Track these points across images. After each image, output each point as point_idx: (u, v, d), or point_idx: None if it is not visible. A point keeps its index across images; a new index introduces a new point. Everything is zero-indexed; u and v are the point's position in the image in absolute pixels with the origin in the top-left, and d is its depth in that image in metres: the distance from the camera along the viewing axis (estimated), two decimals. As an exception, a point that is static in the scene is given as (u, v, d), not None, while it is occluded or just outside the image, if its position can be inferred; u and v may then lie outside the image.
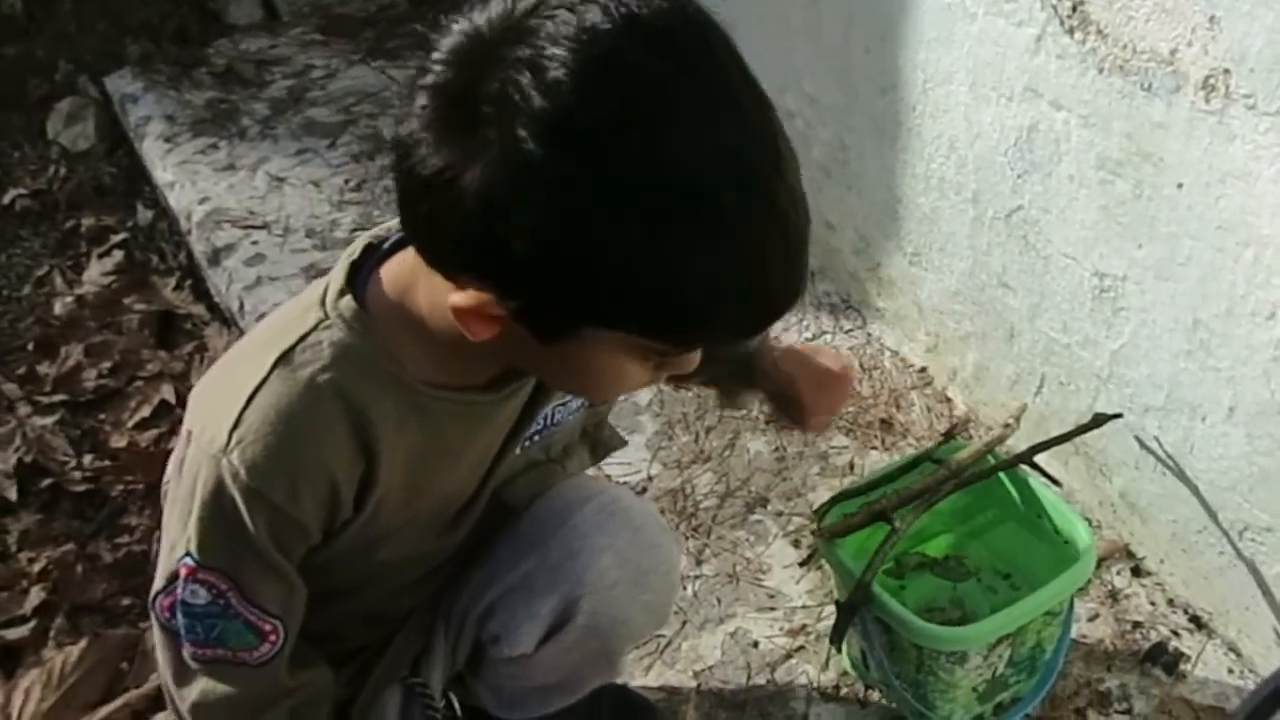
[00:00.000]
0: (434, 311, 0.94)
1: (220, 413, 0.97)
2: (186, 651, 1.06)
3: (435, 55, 0.82)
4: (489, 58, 0.79)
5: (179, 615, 1.04)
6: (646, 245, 0.78)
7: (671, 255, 0.79)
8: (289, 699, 1.11)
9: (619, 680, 1.48)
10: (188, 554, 1.00)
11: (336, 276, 1.01)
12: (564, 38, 0.77)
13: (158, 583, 1.05)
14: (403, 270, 0.96)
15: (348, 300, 0.99)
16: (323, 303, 0.99)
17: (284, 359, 0.97)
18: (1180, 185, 1.40)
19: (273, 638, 1.06)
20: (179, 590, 1.02)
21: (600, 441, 1.32)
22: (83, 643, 1.84)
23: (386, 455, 1.01)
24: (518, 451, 1.16)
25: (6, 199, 2.77)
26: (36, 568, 1.97)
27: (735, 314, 0.85)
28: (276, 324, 1.02)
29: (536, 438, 1.18)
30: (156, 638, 1.09)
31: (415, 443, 1.03)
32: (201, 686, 1.07)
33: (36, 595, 1.93)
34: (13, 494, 2.10)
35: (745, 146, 0.80)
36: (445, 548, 1.21)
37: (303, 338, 0.98)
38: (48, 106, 2.96)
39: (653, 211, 0.78)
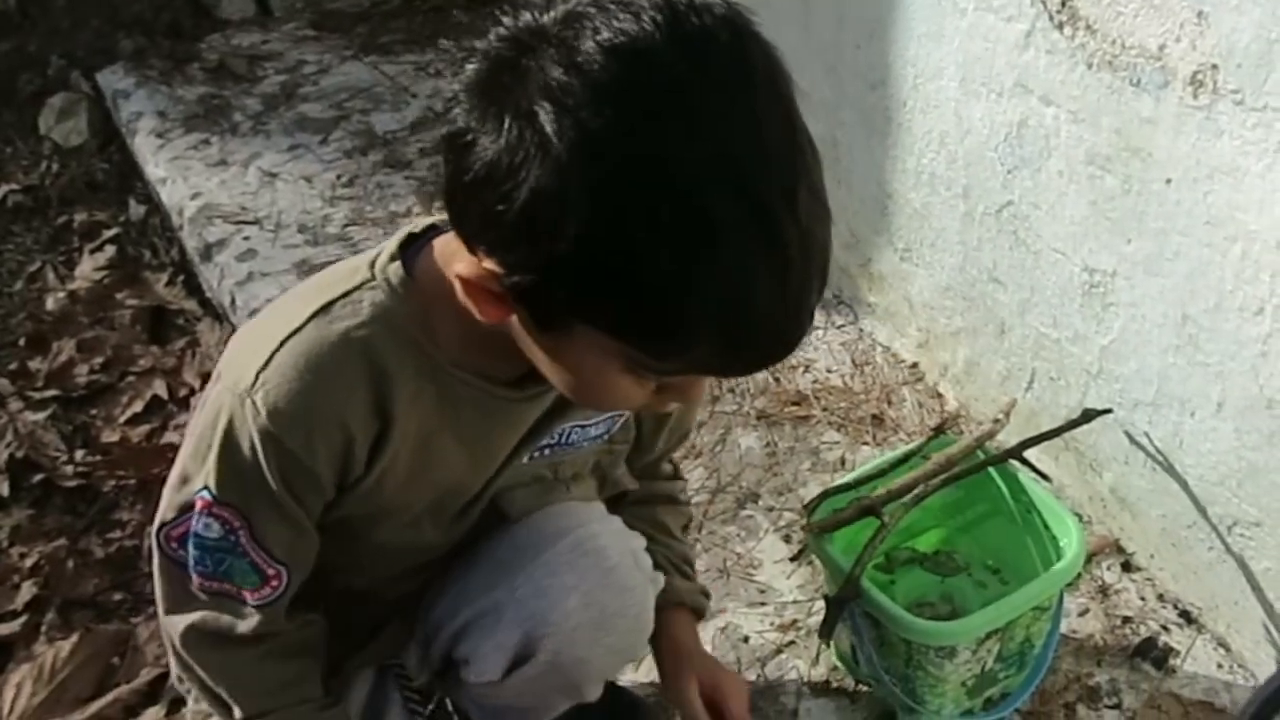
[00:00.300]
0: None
1: (251, 353, 0.99)
2: (194, 583, 1.08)
3: (496, 30, 0.85)
4: (535, 37, 0.82)
5: (189, 546, 1.06)
6: (630, 238, 0.78)
7: (653, 254, 0.78)
8: (283, 638, 1.13)
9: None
10: (205, 487, 1.03)
11: (391, 243, 1.03)
12: (606, 28, 0.79)
13: (166, 513, 1.07)
14: (450, 247, 0.98)
15: (396, 266, 1.01)
16: (372, 265, 1.02)
17: (323, 310, 1.00)
18: (1169, 180, 1.40)
19: (275, 582, 1.08)
20: (193, 521, 1.04)
21: (611, 479, 1.31)
22: (74, 638, 1.84)
23: (400, 420, 1.02)
24: (525, 460, 1.16)
25: (-2, 195, 2.78)
26: (28, 563, 1.98)
27: (714, 340, 0.83)
28: (325, 279, 1.05)
29: (547, 451, 1.18)
30: (157, 568, 1.11)
31: (427, 416, 1.04)
32: (200, 614, 1.10)
33: (28, 590, 1.93)
34: (4, 489, 2.10)
35: (756, 168, 0.79)
36: (442, 543, 1.21)
37: (346, 294, 1.00)
38: (40, 102, 2.96)
39: (640, 207, 0.77)
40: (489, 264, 0.86)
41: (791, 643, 1.62)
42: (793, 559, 1.73)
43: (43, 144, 2.90)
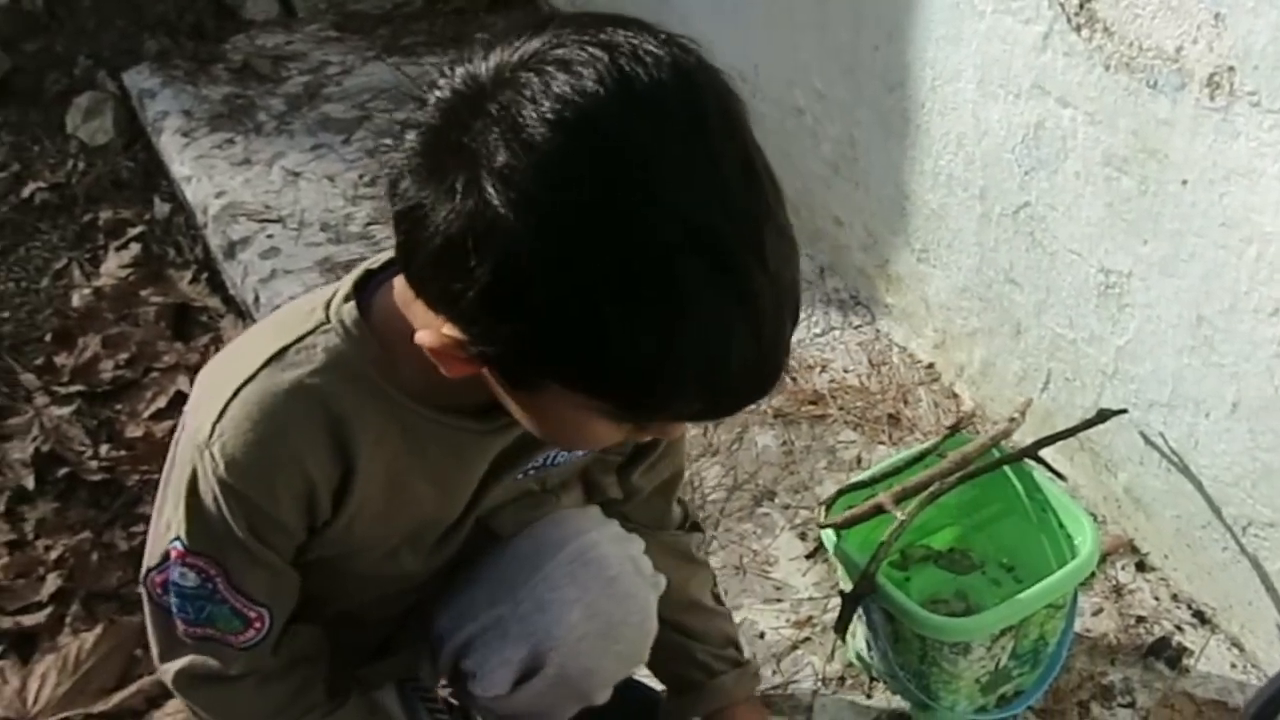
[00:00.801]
0: None
1: (209, 403, 0.98)
2: (179, 628, 1.07)
3: (433, 94, 0.82)
4: (475, 106, 0.78)
5: (171, 594, 1.05)
6: (599, 316, 0.76)
7: (625, 330, 0.76)
8: (274, 669, 1.13)
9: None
10: (178, 538, 1.02)
11: (346, 282, 1.01)
12: (546, 96, 0.75)
13: (150, 559, 1.07)
14: (404, 287, 0.94)
15: (350, 307, 0.99)
16: (327, 305, 1.00)
17: (276, 357, 0.98)
18: (1185, 182, 1.41)
19: (258, 624, 1.07)
20: (170, 571, 1.04)
21: (596, 485, 1.29)
22: (98, 629, 1.86)
23: (364, 464, 1.01)
24: (509, 482, 1.16)
25: (26, 192, 2.79)
26: (53, 555, 2.00)
27: (694, 398, 0.81)
28: (281, 321, 1.03)
29: (532, 471, 1.17)
30: (147, 612, 1.11)
31: (395, 457, 1.03)
32: (189, 660, 1.09)
33: (53, 582, 1.95)
34: (30, 483, 2.12)
35: (721, 227, 0.76)
36: (423, 571, 1.20)
37: (300, 338, 0.98)
38: (67, 101, 2.97)
39: (608, 283, 0.75)
40: (453, 331, 0.84)
41: (807, 639, 1.63)
42: (808, 556, 1.74)
43: (69, 143, 2.92)
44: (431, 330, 0.85)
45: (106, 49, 3.13)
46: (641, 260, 0.75)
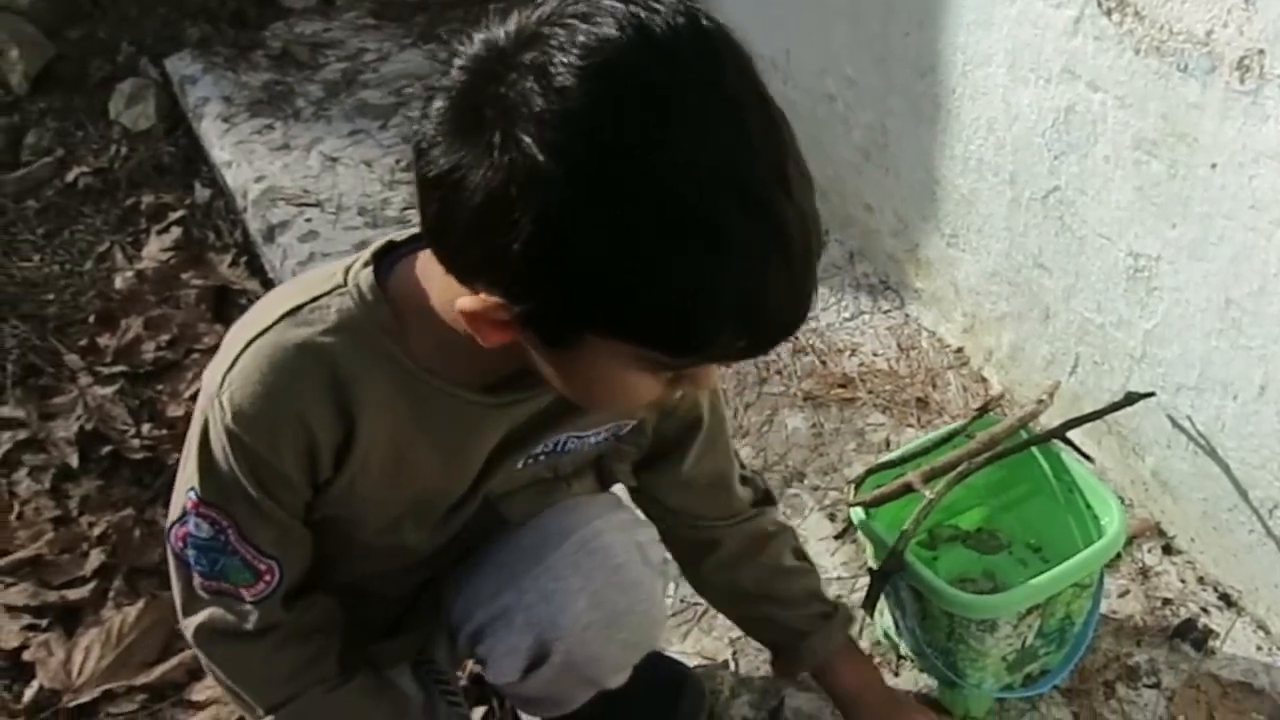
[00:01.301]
0: (444, 305, 0.96)
1: (224, 354, 1.01)
2: (196, 581, 1.10)
3: (456, 62, 0.84)
4: (501, 63, 0.80)
5: (189, 546, 1.08)
6: (641, 257, 0.79)
7: (666, 269, 0.79)
8: (287, 628, 1.14)
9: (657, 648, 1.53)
10: (192, 488, 1.05)
11: (367, 251, 1.03)
12: (573, 45, 0.78)
13: (173, 512, 1.10)
14: (432, 267, 0.95)
15: (367, 273, 1.01)
16: (347, 270, 1.02)
17: (291, 314, 1.00)
18: (1214, 165, 1.42)
19: (268, 577, 1.09)
20: (188, 522, 1.07)
21: (609, 472, 1.30)
22: (140, 603, 1.90)
23: (367, 425, 1.03)
24: (520, 466, 1.16)
25: (70, 177, 2.84)
26: (96, 531, 2.04)
27: (735, 331, 0.84)
28: (303, 282, 1.05)
29: (543, 457, 1.18)
30: (171, 567, 1.13)
31: (400, 423, 1.05)
32: (208, 613, 1.12)
33: (96, 558, 1.99)
34: (74, 460, 2.16)
35: (748, 162, 0.79)
36: (426, 547, 1.21)
37: (316, 298, 1.01)
38: (110, 87, 3.02)
39: (647, 224, 0.78)
40: (492, 297, 0.86)
41: (835, 618, 1.65)
42: (837, 537, 1.76)
43: (112, 128, 2.96)
44: (472, 297, 0.87)
45: (149, 36, 3.17)
46: (676, 199, 0.77)
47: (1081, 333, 1.73)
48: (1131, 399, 1.56)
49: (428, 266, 0.97)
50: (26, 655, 1.85)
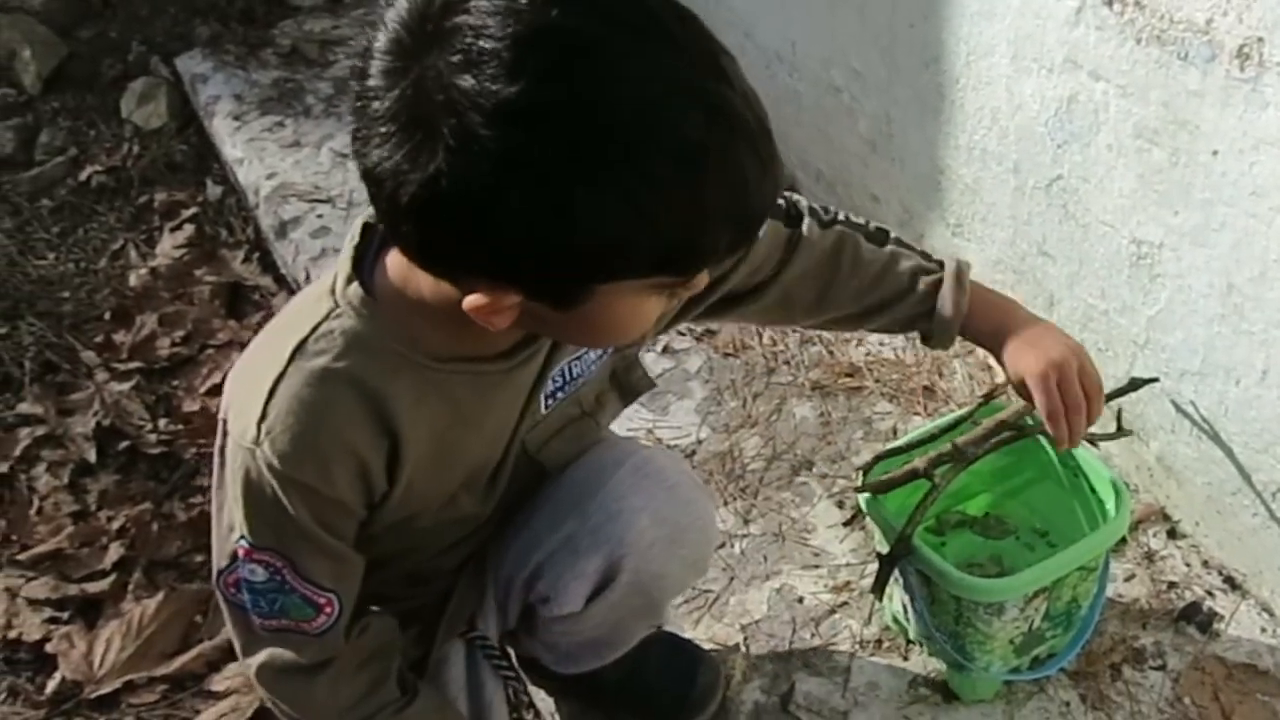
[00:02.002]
0: (436, 294, 0.98)
1: (248, 406, 1.02)
2: (255, 623, 1.12)
3: (371, 82, 0.84)
4: (424, 68, 0.81)
5: (244, 591, 1.10)
6: (627, 198, 0.81)
7: (660, 204, 0.82)
8: (351, 657, 1.17)
9: (667, 628, 1.55)
10: (242, 537, 1.07)
11: (344, 264, 1.04)
12: (488, 29, 0.79)
13: (220, 561, 1.12)
14: (401, 257, 0.99)
15: (355, 288, 1.03)
16: (333, 291, 1.03)
17: (299, 350, 1.02)
18: (1215, 152, 1.43)
19: (328, 609, 1.12)
20: (240, 569, 1.09)
21: (629, 385, 1.34)
22: (159, 596, 1.93)
23: (408, 431, 1.05)
24: (543, 410, 1.20)
25: (83, 175, 2.86)
26: (115, 525, 2.08)
27: (726, 232, 0.87)
28: (294, 313, 1.07)
29: (561, 395, 1.22)
30: (225, 613, 1.16)
31: (437, 416, 1.08)
32: (268, 653, 1.14)
33: (115, 551, 2.03)
34: (92, 456, 2.20)
35: (691, 74, 0.82)
36: (483, 511, 1.25)
37: (315, 327, 1.02)
38: (122, 86, 3.04)
39: (622, 164, 0.80)
40: (494, 286, 0.88)
41: (844, 603, 1.67)
42: (845, 524, 1.78)
43: (124, 127, 2.98)
44: (475, 295, 0.90)
45: (159, 35, 3.19)
46: (647, 137, 0.80)
47: (1086, 319, 1.75)
48: (1135, 384, 1.57)
49: (401, 260, 0.99)
50: (49, 647, 1.88)
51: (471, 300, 0.90)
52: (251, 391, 1.03)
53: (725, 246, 0.88)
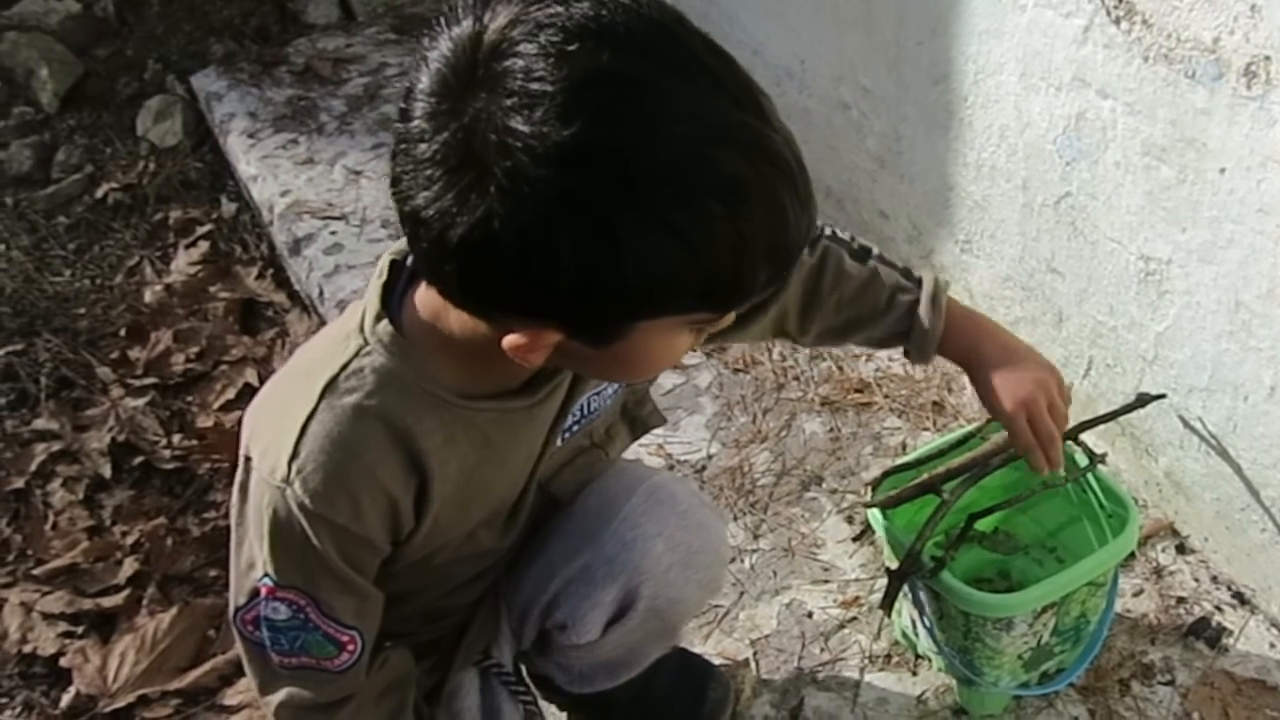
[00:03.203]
0: (464, 332, 0.98)
1: (277, 444, 1.02)
2: (274, 660, 1.12)
3: (415, 124, 0.84)
4: (476, 111, 0.81)
5: (263, 629, 1.10)
6: (675, 234, 0.81)
7: (705, 242, 0.82)
8: (370, 693, 1.17)
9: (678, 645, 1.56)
10: (266, 575, 1.06)
11: (372, 301, 1.04)
12: (539, 72, 0.79)
13: (238, 599, 1.11)
14: (432, 294, 0.98)
15: (384, 325, 1.02)
16: (361, 329, 1.03)
17: (330, 388, 1.01)
18: (1223, 170, 1.44)
19: (351, 647, 1.11)
20: (260, 607, 1.08)
21: (640, 419, 1.35)
22: (173, 610, 1.94)
23: (437, 469, 1.06)
24: (559, 443, 1.20)
25: (99, 193, 2.88)
26: (129, 540, 2.08)
27: (770, 265, 0.87)
28: (321, 349, 1.07)
29: (575, 428, 1.22)
30: (241, 649, 1.15)
31: (466, 454, 1.08)
32: (289, 690, 1.13)
33: (130, 566, 2.04)
34: (107, 471, 2.21)
35: (735, 114, 0.83)
36: (501, 547, 1.26)
37: (345, 366, 1.02)
38: (137, 104, 3.06)
39: (677, 209, 0.81)
40: (535, 325, 0.89)
41: (854, 618, 1.68)
42: (855, 539, 1.79)
43: (140, 144, 3.00)
44: (516, 335, 0.90)
45: (174, 53, 3.21)
46: (694, 169, 0.81)
47: (1094, 336, 1.75)
48: (1144, 401, 1.58)
49: (431, 298, 1.00)
50: (63, 661, 1.89)
51: (511, 340, 0.90)
52: (280, 429, 1.02)
53: (764, 281, 0.89)
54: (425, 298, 1.01)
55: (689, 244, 0.82)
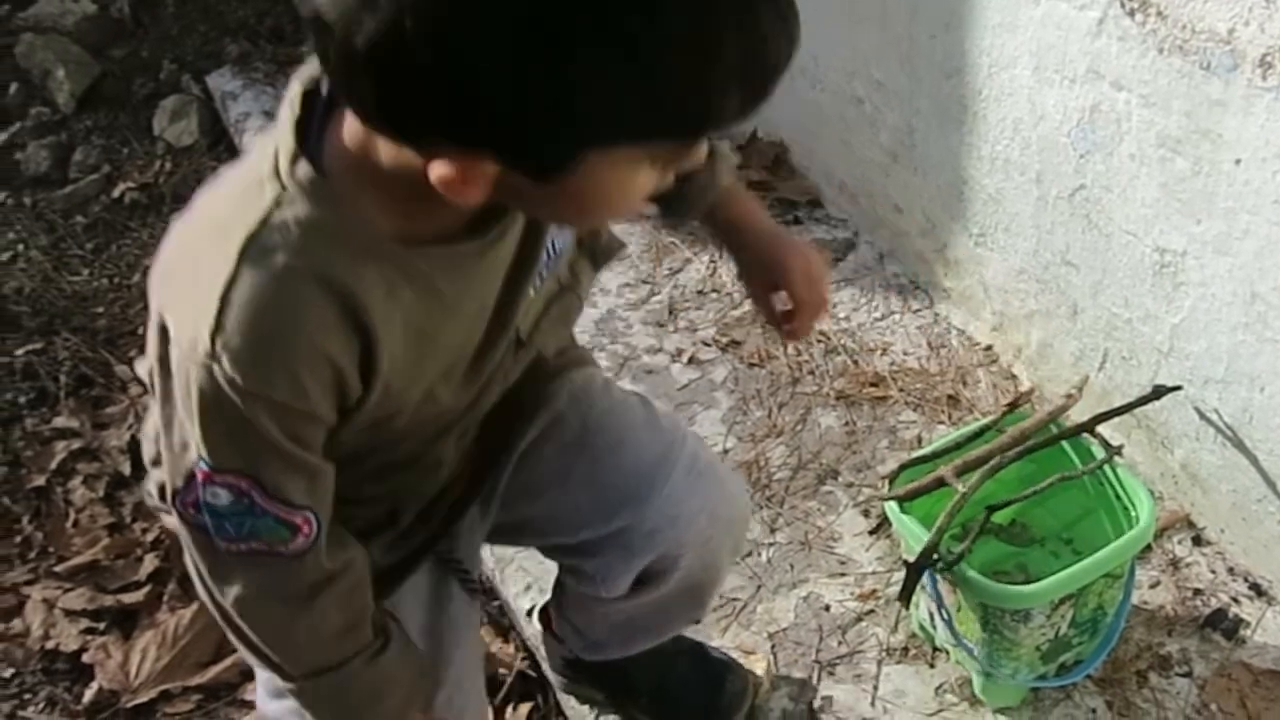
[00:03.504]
0: (398, 165, 0.85)
1: (195, 314, 0.88)
2: (221, 546, 1.00)
3: None
4: None
5: (205, 515, 0.98)
6: (630, 45, 0.71)
7: (662, 50, 0.72)
8: (335, 584, 1.05)
9: (696, 637, 1.57)
10: (201, 458, 0.94)
11: (285, 140, 0.89)
12: None
13: (174, 480, 0.98)
14: (356, 125, 0.86)
15: (304, 168, 0.88)
16: (276, 174, 0.88)
17: (249, 247, 0.87)
18: (1238, 161, 1.44)
19: (305, 529, 1.00)
20: (199, 492, 0.96)
21: (600, 251, 1.21)
22: (194, 606, 1.93)
23: (382, 328, 0.93)
24: (533, 293, 1.09)
25: (116, 192, 2.89)
26: (149, 537, 2.09)
27: (742, 89, 0.77)
28: (232, 199, 0.91)
29: (545, 272, 1.10)
30: (182, 534, 1.02)
31: (410, 306, 0.95)
32: (243, 580, 1.02)
33: (150, 563, 2.04)
34: (127, 469, 2.21)
35: None
36: (461, 403, 1.12)
37: (264, 220, 0.88)
38: (153, 104, 3.07)
39: (635, 14, 0.70)
40: (465, 153, 0.78)
41: (871, 611, 1.69)
42: (871, 532, 1.79)
43: (156, 144, 3.01)
44: (443, 163, 0.79)
45: (190, 53, 3.22)
46: None
47: (1109, 328, 1.75)
48: (1159, 393, 1.58)
49: (356, 131, 0.87)
50: (86, 657, 1.90)
51: (438, 170, 0.79)
52: (196, 297, 0.88)
53: (734, 109, 0.77)
54: (350, 129, 0.87)
55: (644, 58, 0.71)
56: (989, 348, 2.07)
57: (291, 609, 1.04)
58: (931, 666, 1.61)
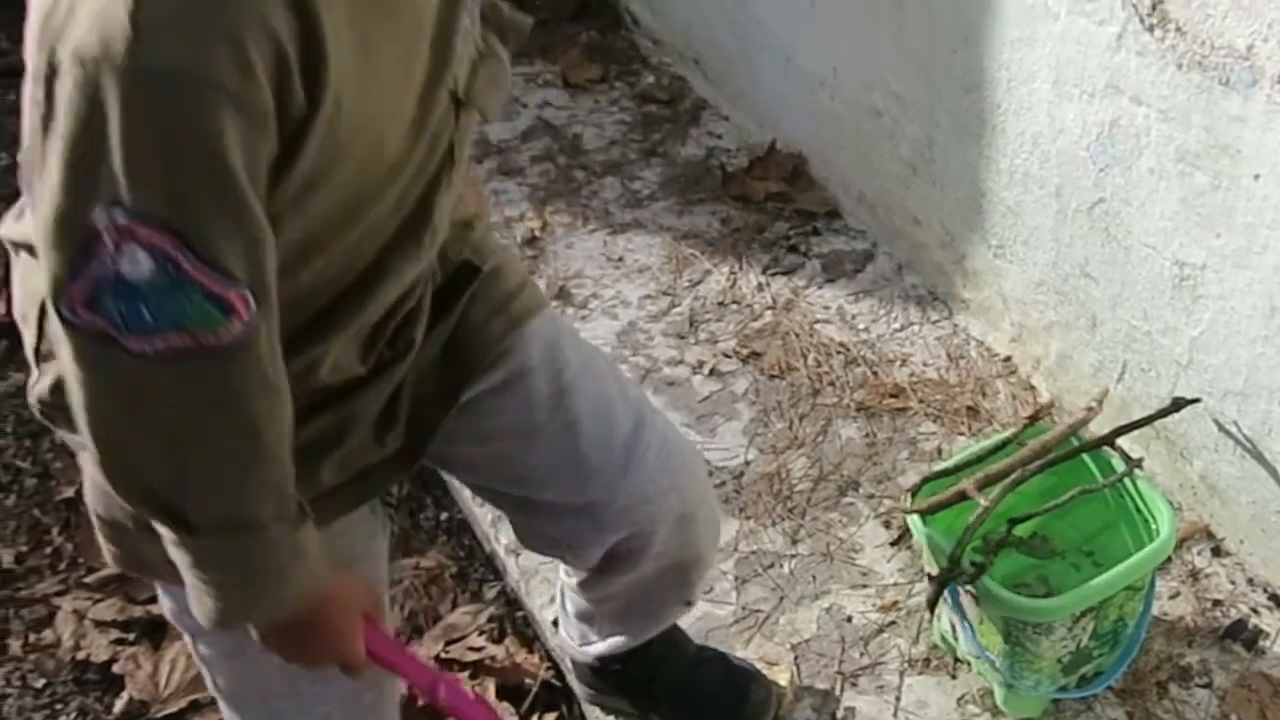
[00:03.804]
0: None
1: (101, 12, 0.75)
2: (132, 348, 0.83)
3: None
4: None
5: (108, 302, 0.81)
6: None
7: None
8: (275, 404, 0.90)
9: (720, 648, 1.59)
10: (117, 204, 0.78)
11: None
12: None
13: (58, 272, 0.81)
14: None
15: None
16: None
17: None
18: (1257, 176, 1.45)
19: (243, 312, 0.84)
20: (105, 265, 0.80)
21: (504, 25, 1.12)
22: (222, 616, 1.98)
23: (325, 10, 0.82)
24: (460, 43, 1.00)
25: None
26: (177, 547, 2.12)
27: None
28: None
29: (468, 19, 1.02)
30: (68, 354, 0.85)
31: (353, 3, 0.86)
32: (158, 394, 0.85)
33: (177, 573, 2.08)
34: (153, 479, 2.25)
35: None
36: (410, 156, 1.00)
37: None
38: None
39: None
40: None
41: (893, 623, 1.70)
42: (893, 543, 1.81)
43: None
44: None
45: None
46: None
47: (1129, 340, 1.77)
48: (1179, 405, 1.59)
49: None
50: (116, 668, 1.92)
51: None
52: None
53: None
54: None
55: None
56: (1008, 359, 2.08)
57: (218, 424, 0.88)
58: (953, 678, 1.63)
